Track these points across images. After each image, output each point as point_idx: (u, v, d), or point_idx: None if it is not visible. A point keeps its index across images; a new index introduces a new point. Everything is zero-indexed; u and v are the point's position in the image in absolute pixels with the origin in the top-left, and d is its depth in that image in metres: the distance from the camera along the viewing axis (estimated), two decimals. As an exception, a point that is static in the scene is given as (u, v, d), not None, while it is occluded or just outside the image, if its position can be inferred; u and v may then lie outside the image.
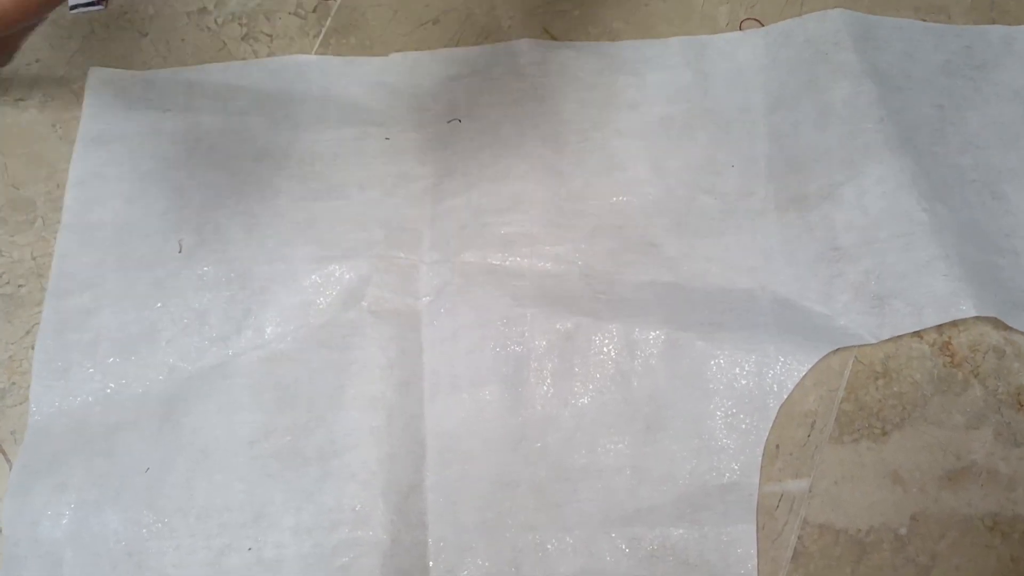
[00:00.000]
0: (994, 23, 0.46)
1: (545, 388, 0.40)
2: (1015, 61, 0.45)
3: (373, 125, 0.46)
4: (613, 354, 0.40)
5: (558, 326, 0.40)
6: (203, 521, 0.38)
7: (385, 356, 0.40)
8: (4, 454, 0.40)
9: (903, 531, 0.37)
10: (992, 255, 0.40)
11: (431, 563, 0.37)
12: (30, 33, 0.38)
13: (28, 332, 0.42)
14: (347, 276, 0.42)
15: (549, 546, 0.37)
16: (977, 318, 0.39)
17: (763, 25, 0.47)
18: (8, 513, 0.38)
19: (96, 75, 0.48)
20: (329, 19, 0.48)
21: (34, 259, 0.44)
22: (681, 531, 0.37)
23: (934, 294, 0.39)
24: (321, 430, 0.39)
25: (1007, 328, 0.39)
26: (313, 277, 0.42)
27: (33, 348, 0.42)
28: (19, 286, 0.43)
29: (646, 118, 0.46)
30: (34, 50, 0.49)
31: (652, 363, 0.39)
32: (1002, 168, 0.43)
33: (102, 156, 0.45)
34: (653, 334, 0.40)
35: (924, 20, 0.46)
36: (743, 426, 0.38)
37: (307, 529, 0.37)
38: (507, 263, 0.43)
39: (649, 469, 0.38)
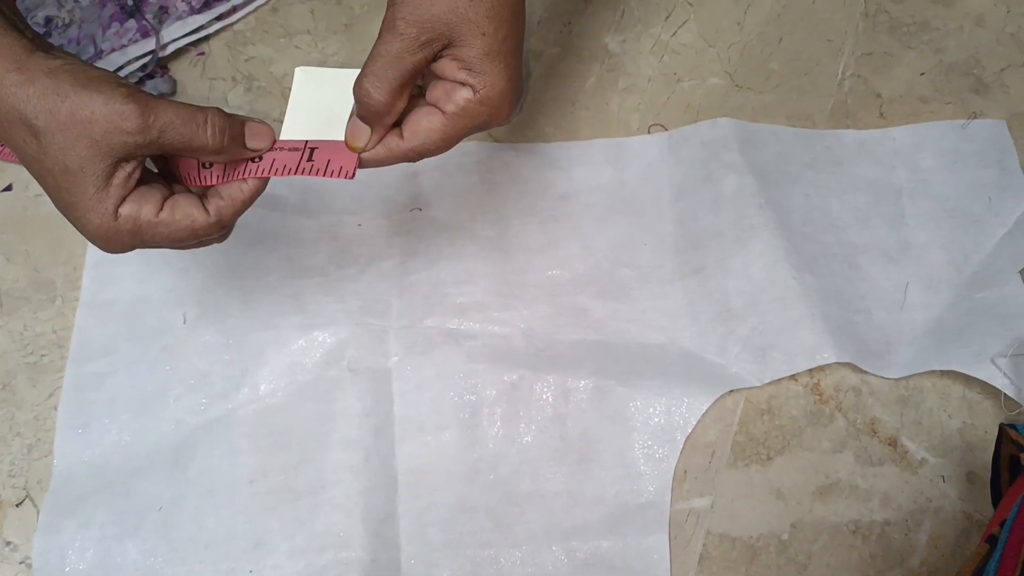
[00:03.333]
0: (848, 128, 0.56)
1: (496, 429, 0.48)
2: (865, 158, 0.55)
3: (347, 214, 0.54)
4: (551, 400, 0.48)
5: (505, 378, 0.48)
6: (210, 549, 0.44)
7: (362, 406, 0.48)
8: (32, 500, 0.46)
9: (785, 536, 0.46)
10: (849, 314, 0.50)
11: (404, 578, 0.45)
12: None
13: (51, 395, 0.49)
14: (329, 340, 0.49)
15: (502, 559, 0.45)
16: (838, 364, 0.48)
17: (667, 129, 0.56)
18: (39, 550, 0.44)
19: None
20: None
21: (55, 332, 0.50)
22: (609, 543, 0.45)
23: (803, 345, 0.48)
24: (309, 469, 0.46)
25: (862, 372, 0.48)
26: (300, 342, 0.49)
27: (56, 408, 0.48)
28: (42, 355, 0.50)
29: (574, 206, 0.54)
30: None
31: (583, 406, 0.48)
32: (857, 244, 0.52)
33: (115, 242, 0.53)
34: (583, 382, 0.48)
35: (794, 126, 0.56)
36: (657, 456, 0.47)
37: (300, 552, 0.44)
38: (462, 327, 0.51)
39: (582, 493, 0.46)
